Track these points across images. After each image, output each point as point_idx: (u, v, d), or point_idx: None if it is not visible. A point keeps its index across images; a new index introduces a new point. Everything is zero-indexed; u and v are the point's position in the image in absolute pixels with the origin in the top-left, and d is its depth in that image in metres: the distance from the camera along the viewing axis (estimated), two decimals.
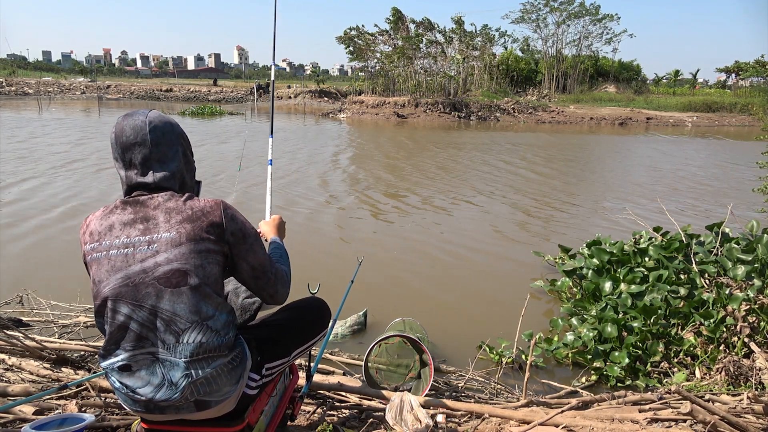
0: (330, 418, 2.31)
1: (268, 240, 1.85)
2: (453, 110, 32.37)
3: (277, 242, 1.81)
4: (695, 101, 38.41)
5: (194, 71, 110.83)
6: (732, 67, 46.90)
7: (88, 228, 1.43)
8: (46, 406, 2.16)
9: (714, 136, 26.25)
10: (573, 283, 4.77)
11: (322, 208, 8.37)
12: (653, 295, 3.96)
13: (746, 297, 3.59)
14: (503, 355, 3.63)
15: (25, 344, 2.74)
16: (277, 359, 1.66)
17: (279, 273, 1.58)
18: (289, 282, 1.62)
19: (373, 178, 11.42)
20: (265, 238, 1.86)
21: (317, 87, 45.93)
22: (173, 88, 48.40)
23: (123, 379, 1.42)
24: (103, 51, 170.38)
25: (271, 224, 1.92)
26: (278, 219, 1.96)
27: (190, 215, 1.40)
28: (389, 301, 4.78)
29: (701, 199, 10.05)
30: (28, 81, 48.85)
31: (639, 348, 3.58)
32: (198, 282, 1.38)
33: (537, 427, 2.06)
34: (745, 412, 2.20)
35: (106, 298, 1.38)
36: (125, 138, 1.43)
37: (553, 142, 21.52)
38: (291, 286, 1.64)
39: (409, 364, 3.16)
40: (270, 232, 1.89)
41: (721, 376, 3.05)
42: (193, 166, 1.57)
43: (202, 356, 1.40)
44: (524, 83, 45.15)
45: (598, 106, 37.25)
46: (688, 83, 57.55)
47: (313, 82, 54.29)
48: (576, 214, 8.58)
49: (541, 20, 44.17)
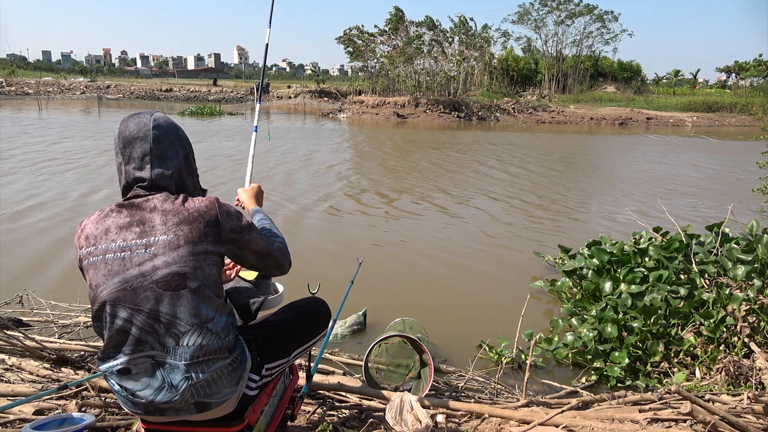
0: (330, 418, 2.31)
1: (249, 210, 1.87)
2: (453, 110, 32.37)
3: (260, 213, 1.82)
4: (695, 101, 38.41)
5: (194, 71, 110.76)
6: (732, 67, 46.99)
7: (83, 232, 1.42)
8: (46, 406, 2.16)
9: (714, 136, 26.26)
10: (573, 283, 4.77)
11: (322, 208, 8.37)
12: (653, 295, 3.96)
13: (746, 297, 3.59)
14: (503, 355, 3.63)
15: (25, 344, 2.74)
16: (276, 359, 1.66)
17: (279, 248, 1.62)
18: (288, 251, 1.67)
19: (373, 178, 11.42)
20: (242, 206, 1.90)
21: (317, 87, 45.92)
22: (173, 88, 48.37)
23: (122, 382, 1.41)
24: (103, 51, 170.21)
25: (250, 193, 1.95)
26: (257, 187, 1.98)
27: (186, 217, 1.39)
28: (389, 301, 4.78)
29: (701, 199, 10.05)
30: (27, 81, 48.81)
31: (639, 348, 3.58)
32: (197, 284, 1.37)
33: (537, 427, 2.06)
34: (745, 412, 2.20)
35: (104, 303, 1.37)
36: (128, 133, 1.44)
37: (553, 142, 21.52)
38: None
39: (409, 364, 3.16)
40: (249, 201, 1.91)
41: (721, 376, 3.05)
42: (194, 170, 1.56)
43: (203, 359, 1.40)
44: (524, 83, 45.14)
45: (598, 106, 37.25)
46: (688, 83, 57.57)
47: (313, 82, 54.28)
48: (576, 214, 8.58)
49: (540, 20, 44.22)
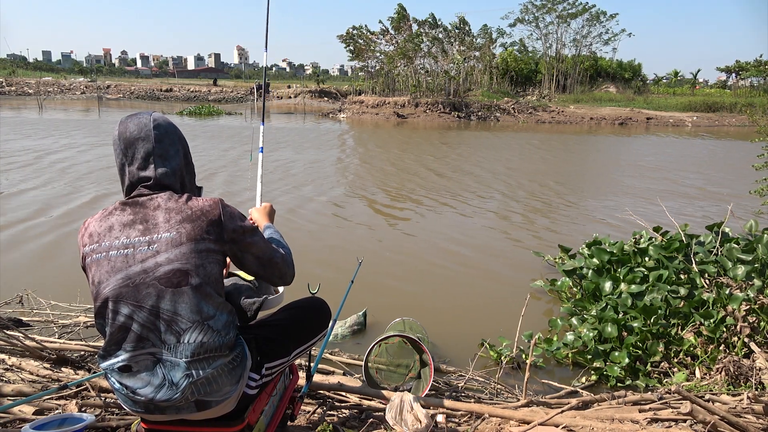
0: (330, 418, 2.31)
1: (261, 227, 1.88)
2: (453, 110, 32.36)
3: (271, 228, 1.85)
4: (695, 101, 38.41)
5: (194, 71, 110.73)
6: (732, 67, 46.98)
7: (87, 230, 1.44)
8: (46, 406, 2.16)
9: (714, 136, 26.25)
10: (573, 283, 4.77)
11: (322, 208, 8.37)
12: (653, 295, 3.96)
13: (746, 297, 3.59)
14: (503, 354, 3.63)
15: (25, 344, 2.74)
16: (277, 359, 1.66)
17: (283, 257, 1.62)
18: (293, 262, 1.67)
19: (373, 178, 11.42)
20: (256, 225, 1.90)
21: (317, 87, 45.92)
22: (173, 88, 48.36)
23: (123, 380, 1.42)
24: (103, 51, 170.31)
25: (263, 212, 1.98)
26: (269, 206, 2.02)
27: (189, 215, 1.40)
28: (389, 301, 4.77)
29: (701, 199, 10.05)
30: (27, 81, 48.79)
31: (639, 348, 3.58)
32: (199, 282, 1.38)
33: (537, 427, 2.06)
34: (745, 412, 2.20)
35: (107, 299, 1.38)
36: (129, 134, 1.45)
37: (553, 142, 21.52)
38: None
39: (409, 364, 3.16)
40: (262, 220, 1.93)
41: (721, 376, 3.05)
42: (192, 169, 1.59)
43: (203, 356, 1.40)
44: (524, 83, 45.11)
45: (598, 106, 37.24)
46: (688, 83, 57.56)
47: (313, 82, 54.23)
48: (576, 214, 8.58)
49: (540, 20, 44.18)
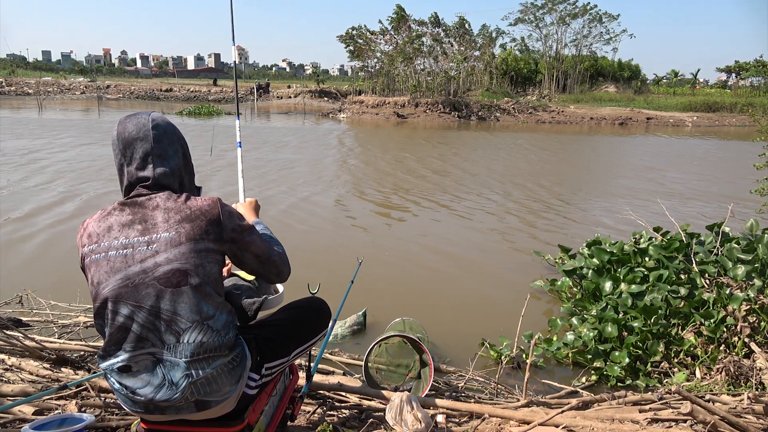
0: (330, 418, 2.31)
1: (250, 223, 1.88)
2: (453, 110, 32.33)
3: (261, 224, 1.84)
4: (695, 101, 38.37)
5: (194, 71, 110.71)
6: (732, 67, 47.01)
7: (86, 231, 1.43)
8: (46, 406, 2.16)
9: (714, 136, 26.25)
10: (573, 283, 4.77)
11: (322, 208, 8.36)
12: (653, 295, 3.96)
13: (746, 297, 3.58)
14: (503, 354, 3.63)
15: (24, 344, 2.74)
16: (276, 359, 1.66)
17: (280, 255, 1.64)
18: (288, 259, 1.68)
19: (373, 178, 11.41)
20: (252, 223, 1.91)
21: (317, 87, 45.85)
22: (173, 88, 48.28)
23: (123, 380, 1.41)
24: (103, 51, 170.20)
25: (248, 207, 1.96)
26: (254, 201, 2.01)
27: (188, 215, 1.40)
28: (389, 301, 4.77)
29: (701, 198, 10.05)
30: (27, 81, 48.72)
31: (639, 348, 3.58)
32: (198, 281, 1.38)
33: (537, 427, 2.06)
34: (746, 413, 2.20)
35: (106, 299, 1.38)
36: (127, 134, 1.45)
37: (553, 142, 21.51)
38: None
39: (409, 364, 3.16)
40: (249, 215, 1.92)
41: (722, 376, 3.05)
42: (192, 169, 1.58)
43: (203, 356, 1.40)
44: (524, 83, 45.10)
45: (598, 106, 37.21)
46: (688, 83, 57.52)
47: (313, 81, 54.17)
48: (576, 214, 8.58)
49: (540, 20, 44.17)
